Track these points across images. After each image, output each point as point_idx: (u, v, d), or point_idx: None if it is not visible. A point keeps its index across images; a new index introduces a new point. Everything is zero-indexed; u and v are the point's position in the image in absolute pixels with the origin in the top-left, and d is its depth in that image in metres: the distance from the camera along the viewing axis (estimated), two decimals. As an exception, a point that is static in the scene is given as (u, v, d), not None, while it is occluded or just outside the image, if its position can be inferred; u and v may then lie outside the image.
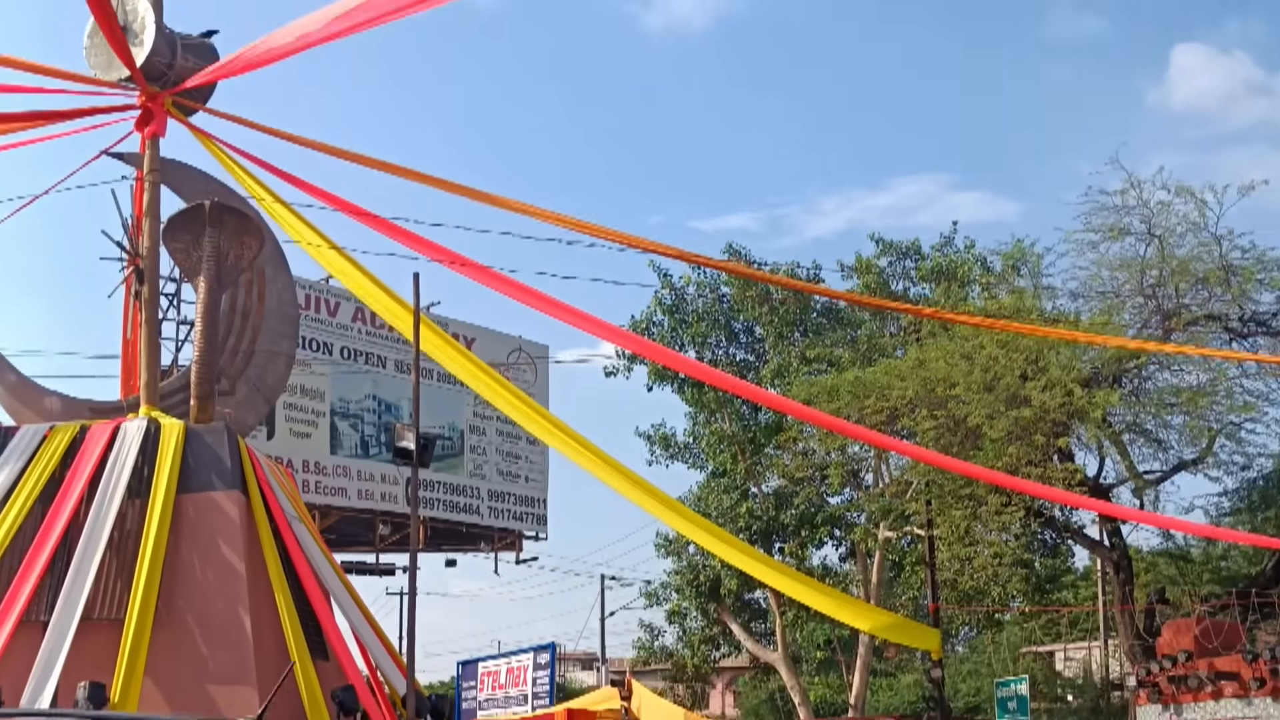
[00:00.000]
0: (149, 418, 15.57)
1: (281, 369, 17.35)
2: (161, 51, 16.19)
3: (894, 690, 43.89)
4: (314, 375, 33.20)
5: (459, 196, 15.85)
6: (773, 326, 33.31)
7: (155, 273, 16.52)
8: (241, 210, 16.45)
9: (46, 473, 15.13)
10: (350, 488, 34.20)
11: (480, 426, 37.84)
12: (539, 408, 20.12)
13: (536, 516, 39.74)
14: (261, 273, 16.92)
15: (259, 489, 15.51)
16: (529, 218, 15.91)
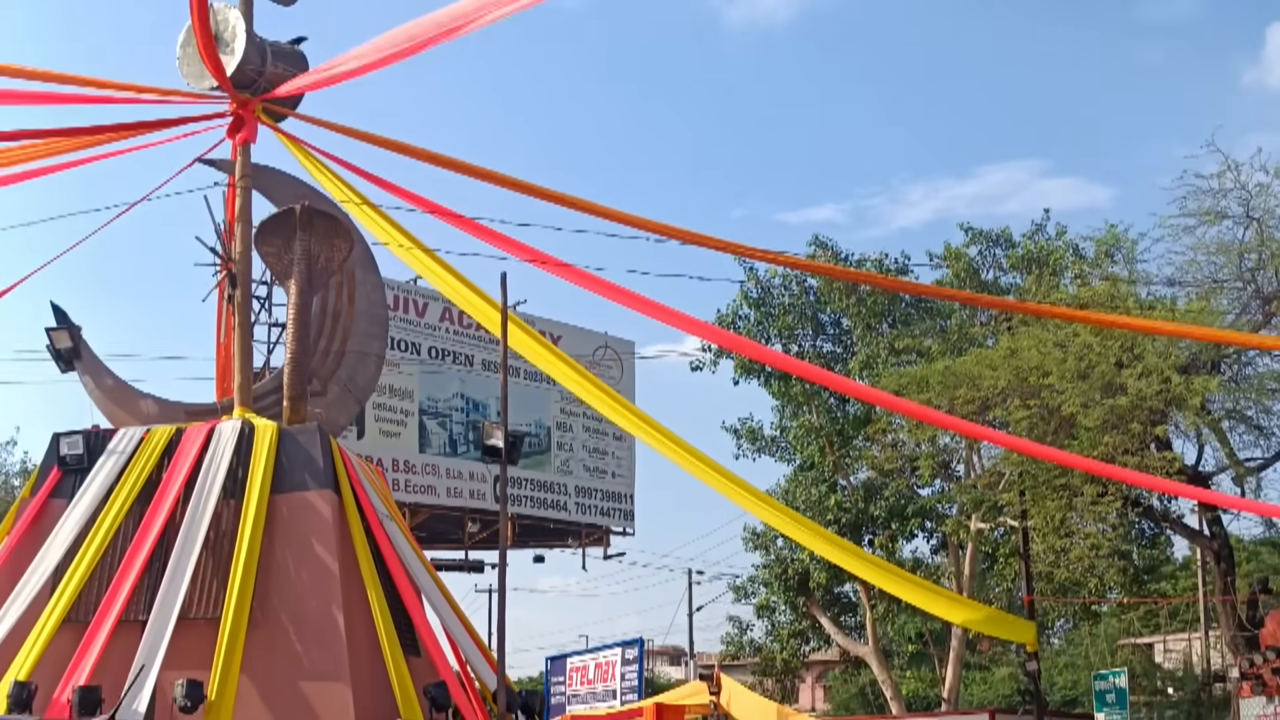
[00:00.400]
0: (243, 419, 15.76)
1: (372, 369, 17.47)
2: (252, 59, 16.37)
3: (988, 684, 43.47)
4: (402, 375, 33.49)
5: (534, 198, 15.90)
6: (860, 318, 33.06)
7: (248, 277, 16.72)
8: (331, 214, 16.57)
9: (144, 474, 15.36)
10: (439, 486, 34.46)
11: (567, 423, 37.95)
12: (626, 403, 20.13)
13: (623, 512, 39.80)
14: (351, 275, 17.05)
15: (351, 488, 15.63)
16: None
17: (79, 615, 14.38)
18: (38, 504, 15.67)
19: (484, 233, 16.55)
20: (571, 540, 39.97)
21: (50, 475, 15.81)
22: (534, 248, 16.96)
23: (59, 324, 16.62)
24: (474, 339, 35.13)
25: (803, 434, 34.13)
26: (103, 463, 15.54)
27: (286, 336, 16.24)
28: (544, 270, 17.08)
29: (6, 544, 15.55)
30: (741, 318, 33.99)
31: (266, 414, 16.17)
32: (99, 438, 15.87)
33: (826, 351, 34.54)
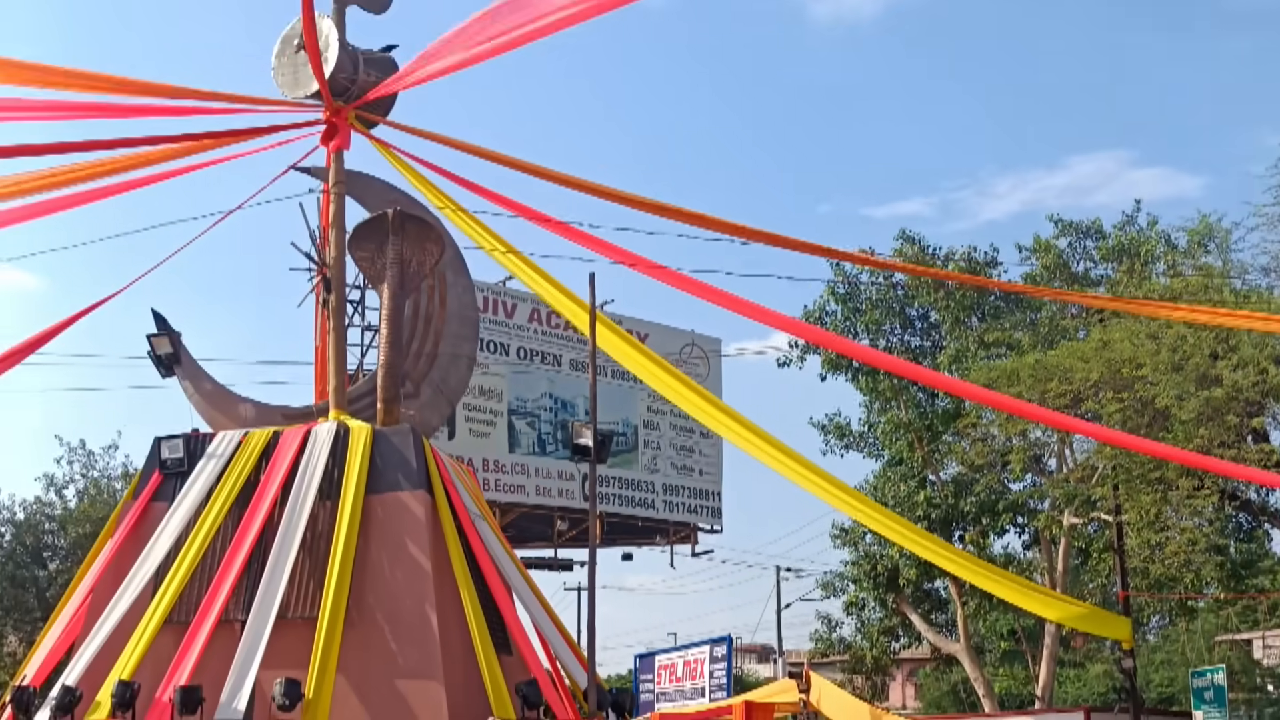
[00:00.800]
0: (338, 421, 15.96)
1: (463, 371, 17.63)
2: (345, 68, 16.58)
3: (1082, 681, 42.96)
4: (491, 376, 33.79)
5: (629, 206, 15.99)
6: (949, 311, 32.80)
7: (342, 282, 16.94)
8: (423, 218, 16.75)
9: (242, 477, 15.62)
10: (529, 485, 34.71)
11: (654, 421, 38.05)
12: (713, 399, 20.14)
13: (711, 509, 39.81)
14: (443, 277, 17.22)
15: (443, 488, 15.75)
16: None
17: (180, 616, 14.66)
18: (140, 507, 16.00)
19: (572, 234, 16.67)
20: (659, 538, 40.05)
21: (152, 479, 16.12)
22: (622, 248, 17.08)
23: (159, 330, 16.94)
24: (562, 339, 35.34)
25: (891, 429, 33.93)
26: (203, 466, 15.81)
27: (380, 340, 16.41)
28: (633, 270, 17.16)
29: (110, 547, 15.91)
30: (829, 313, 33.88)
31: (361, 416, 16.37)
32: (199, 441, 16.15)
33: (914, 346, 34.30)
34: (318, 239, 16.61)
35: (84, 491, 43.81)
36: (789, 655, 51.02)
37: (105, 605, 15.03)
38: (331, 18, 16.76)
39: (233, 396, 17.24)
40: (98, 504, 42.24)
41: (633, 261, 17.12)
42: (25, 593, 42.69)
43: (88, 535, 39.68)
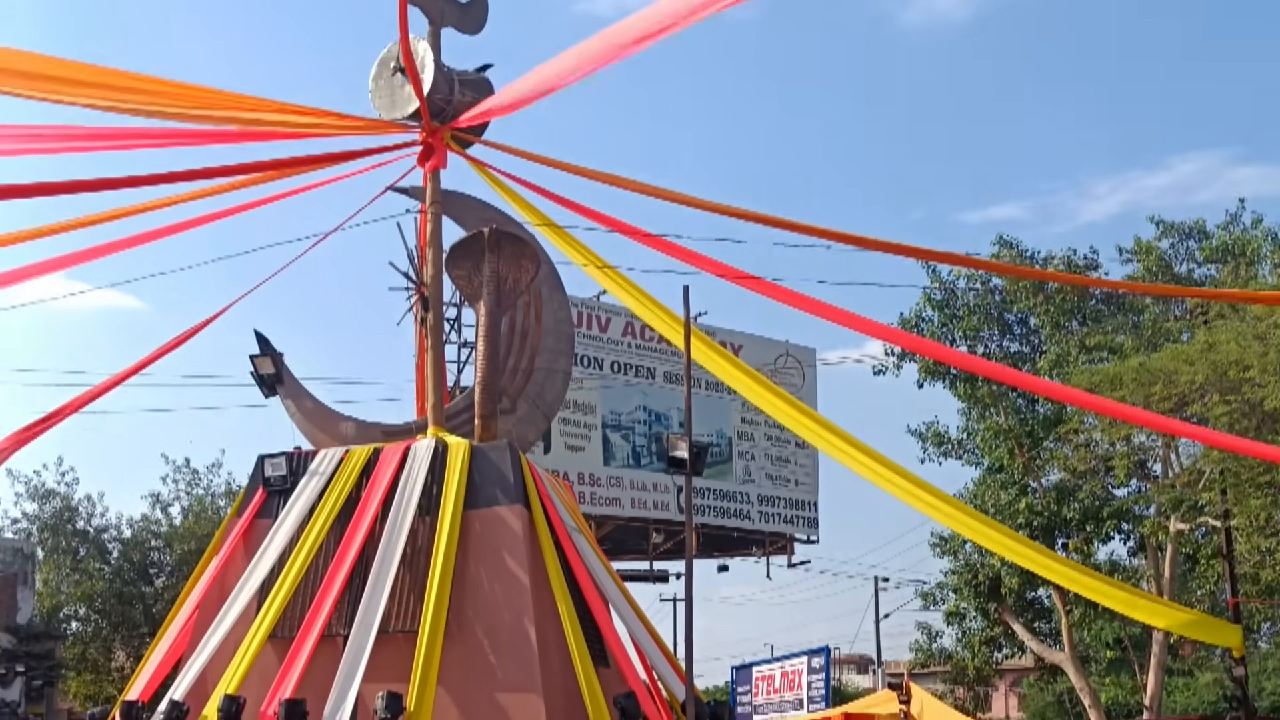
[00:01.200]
0: (436, 438, 16.10)
1: (559, 386, 17.68)
2: (440, 88, 16.74)
3: (1192, 690, 42.22)
4: (586, 390, 33.99)
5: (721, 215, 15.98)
6: (1048, 316, 32.42)
7: (439, 300, 17.09)
8: (518, 235, 16.85)
9: (344, 494, 15.81)
10: (624, 497, 34.85)
11: (748, 432, 38.02)
12: (808, 410, 20.06)
13: (807, 519, 39.70)
14: (538, 294, 17.30)
15: (540, 503, 15.82)
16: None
17: (284, 631, 14.87)
18: (244, 524, 16.26)
19: (665, 246, 16.71)
20: (755, 549, 39.99)
21: (255, 496, 16.38)
22: (715, 260, 17.08)
23: (262, 351, 17.20)
24: (655, 352, 35.45)
25: (990, 436, 33.60)
26: (305, 483, 16.03)
27: (476, 356, 16.54)
28: (726, 282, 17.16)
29: (215, 563, 16.19)
30: (925, 320, 33.64)
31: (459, 432, 16.50)
32: (301, 459, 16.37)
33: (1013, 351, 33.95)
34: (415, 258, 16.77)
35: (189, 509, 44.68)
36: (888, 666, 50.64)
37: (211, 621, 15.29)
38: (427, 39, 16.95)
39: (334, 414, 17.46)
40: (202, 521, 43.06)
41: (726, 273, 17.12)
42: (132, 609, 43.63)
43: (192, 552, 40.47)
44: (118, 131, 15.27)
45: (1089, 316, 32.29)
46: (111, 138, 15.21)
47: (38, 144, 14.69)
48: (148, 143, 15.46)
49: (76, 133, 14.91)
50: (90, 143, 14.97)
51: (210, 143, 15.74)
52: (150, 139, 15.46)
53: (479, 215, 17.52)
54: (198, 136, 15.55)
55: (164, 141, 15.47)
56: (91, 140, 15.00)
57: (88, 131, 15.01)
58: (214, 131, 15.62)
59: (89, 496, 44.75)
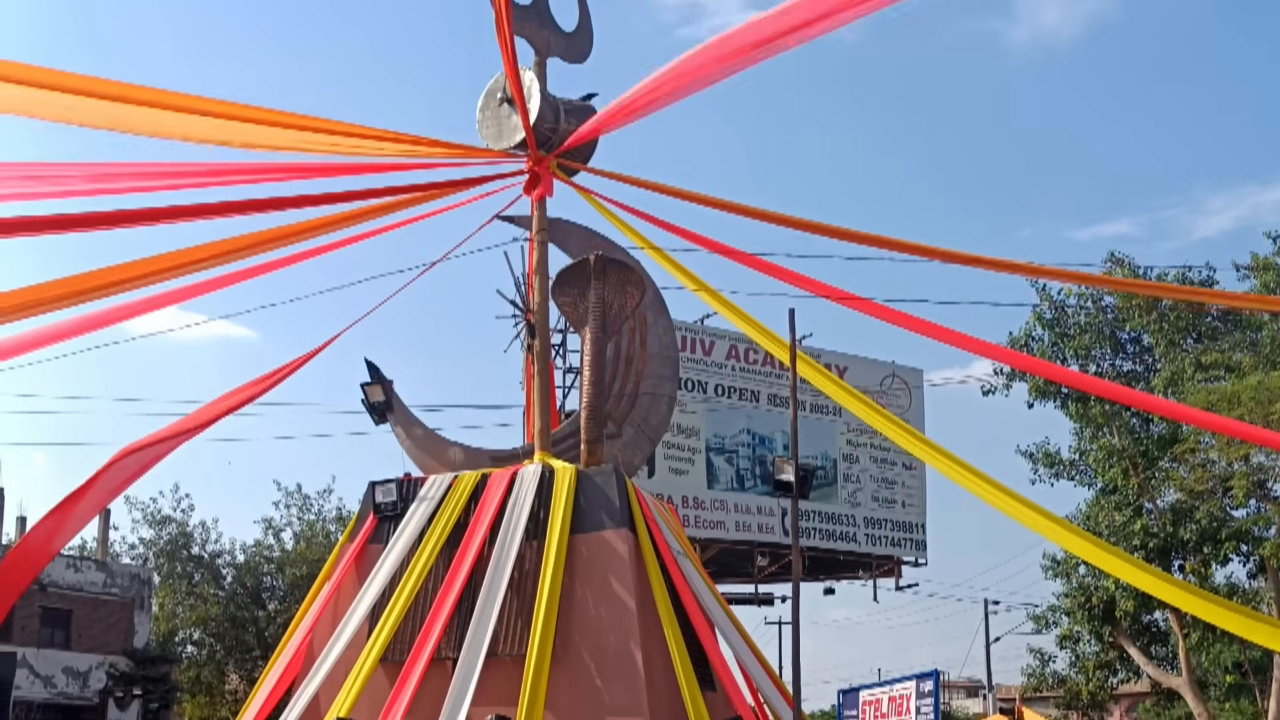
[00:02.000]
0: (543, 463, 16.29)
1: (664, 410, 17.78)
2: (546, 118, 16.95)
3: (1317, 717, 41.06)
4: (690, 413, 34.07)
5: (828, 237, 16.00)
6: (1162, 334, 31.89)
7: (546, 327, 17.27)
8: (624, 261, 17.01)
9: (452, 519, 16.05)
10: (728, 520, 34.85)
11: (854, 454, 37.84)
12: (915, 431, 19.99)
13: (915, 542, 39.37)
14: (643, 319, 17.43)
15: (646, 526, 15.90)
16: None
17: (394, 654, 15.11)
18: (356, 549, 16.56)
19: (770, 269, 16.76)
20: (862, 572, 39.74)
21: (367, 522, 16.68)
22: (820, 281, 17.09)
23: (372, 379, 17.51)
24: (759, 375, 35.48)
25: (1104, 456, 33.07)
26: (415, 509, 16.30)
27: (582, 382, 16.69)
28: (833, 302, 17.17)
29: (328, 588, 16.49)
30: (1035, 339, 33.25)
31: (565, 457, 16.65)
32: (411, 485, 16.66)
33: (1126, 370, 33.43)
34: (522, 286, 16.98)
35: (300, 534, 45.42)
36: (999, 691, 49.98)
37: (323, 645, 15.58)
38: (534, 69, 17.18)
39: (442, 441, 17.71)
40: (313, 546, 43.77)
41: (831, 294, 17.12)
42: (245, 632, 44.44)
43: (304, 577, 41.16)
44: (227, 168, 15.60)
45: (1204, 334, 31.72)
46: (222, 173, 15.54)
47: (145, 181, 15.00)
48: (255, 178, 15.79)
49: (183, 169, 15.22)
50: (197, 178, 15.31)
51: (317, 176, 16.04)
52: (258, 174, 15.79)
53: (584, 242, 17.72)
54: (305, 170, 15.86)
55: (272, 176, 15.80)
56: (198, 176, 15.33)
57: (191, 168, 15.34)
58: (321, 165, 15.91)
59: (204, 522, 45.80)
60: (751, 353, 35.27)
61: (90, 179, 14.55)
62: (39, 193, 14.46)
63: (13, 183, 14.09)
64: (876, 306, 16.81)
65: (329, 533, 44.42)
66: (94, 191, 14.61)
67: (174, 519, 44.94)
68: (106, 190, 14.63)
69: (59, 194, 14.60)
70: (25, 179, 14.34)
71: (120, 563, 44.33)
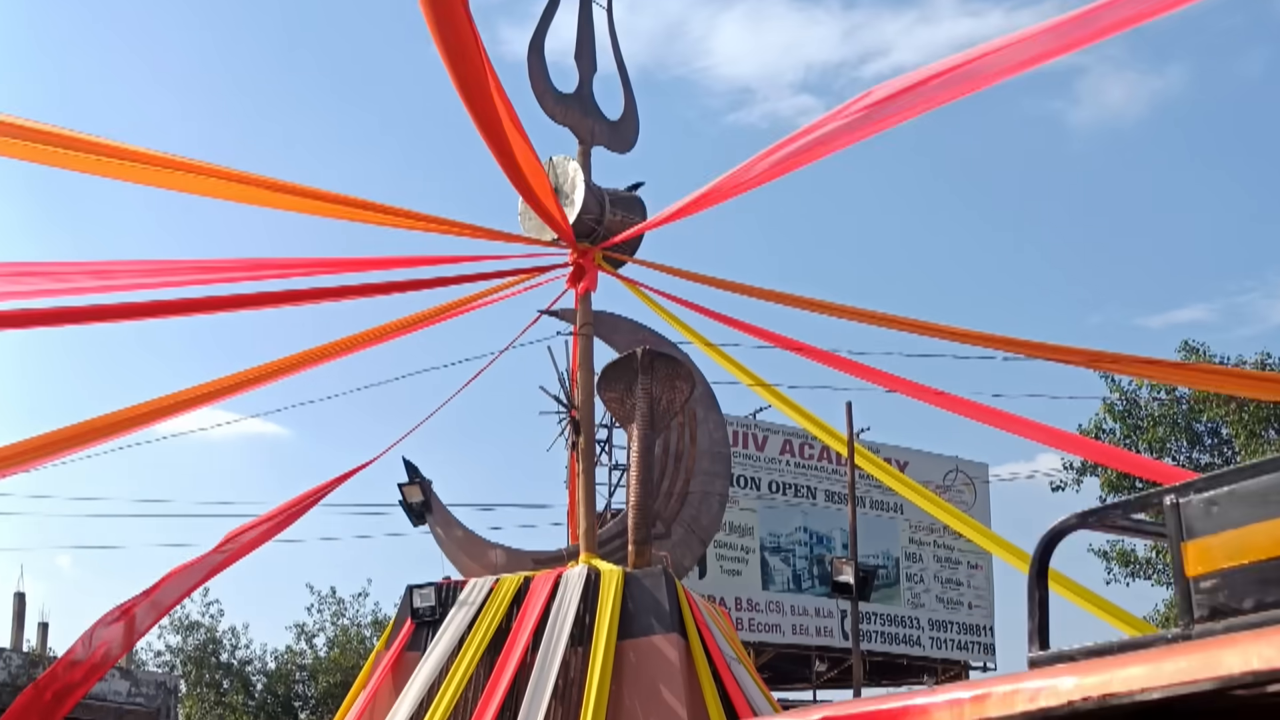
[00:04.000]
0: (588, 565, 16.33)
1: (715, 509, 17.86)
2: (591, 209, 17.17)
3: None
4: (743, 511, 34.04)
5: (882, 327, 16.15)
6: (1242, 425, 31.73)
7: (591, 424, 17.44)
8: (672, 356, 17.17)
9: (494, 623, 16.06)
10: (784, 624, 34.66)
11: (916, 553, 37.64)
12: (981, 528, 19.99)
13: (982, 645, 38.99)
14: (693, 414, 17.56)
15: (697, 631, 15.87)
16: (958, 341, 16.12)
17: (436, 766, 15.18)
18: (393, 656, 16.61)
19: (827, 359, 16.91)
20: (927, 677, 39.24)
21: (404, 627, 16.73)
22: (879, 370, 17.21)
23: (410, 479, 17.67)
24: (816, 470, 35.46)
25: (1181, 556, 32.76)
26: (454, 614, 16.35)
27: (629, 480, 16.80)
28: (891, 390, 17.29)
29: (363, 697, 16.53)
30: (1105, 431, 33.15)
31: (612, 558, 16.72)
32: (450, 589, 16.72)
33: (1204, 464, 33.22)
34: (566, 381, 17.17)
35: (334, 640, 45.43)
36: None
37: (361, 757, 15.67)
38: (577, 159, 17.47)
39: (484, 543, 17.83)
40: (348, 653, 43.78)
41: (891, 382, 17.25)
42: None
43: (338, 685, 41.16)
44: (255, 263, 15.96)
45: (1286, 424, 31.57)
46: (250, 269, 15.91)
47: (145, 278, 15.19)
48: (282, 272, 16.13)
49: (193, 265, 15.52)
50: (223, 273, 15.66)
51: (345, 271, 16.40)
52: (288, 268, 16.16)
53: (631, 336, 17.90)
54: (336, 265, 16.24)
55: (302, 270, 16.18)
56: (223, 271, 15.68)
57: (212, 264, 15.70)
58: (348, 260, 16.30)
59: (233, 628, 45.87)
60: (807, 447, 35.26)
61: (92, 275, 14.70)
62: (38, 290, 14.59)
63: (10, 280, 14.29)
64: (938, 394, 16.92)
65: (364, 638, 44.43)
66: (96, 289, 14.71)
67: (202, 624, 45.10)
68: (108, 287, 14.74)
69: (59, 291, 14.71)
70: (22, 276, 14.43)
71: (146, 670, 44.45)
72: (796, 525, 35.61)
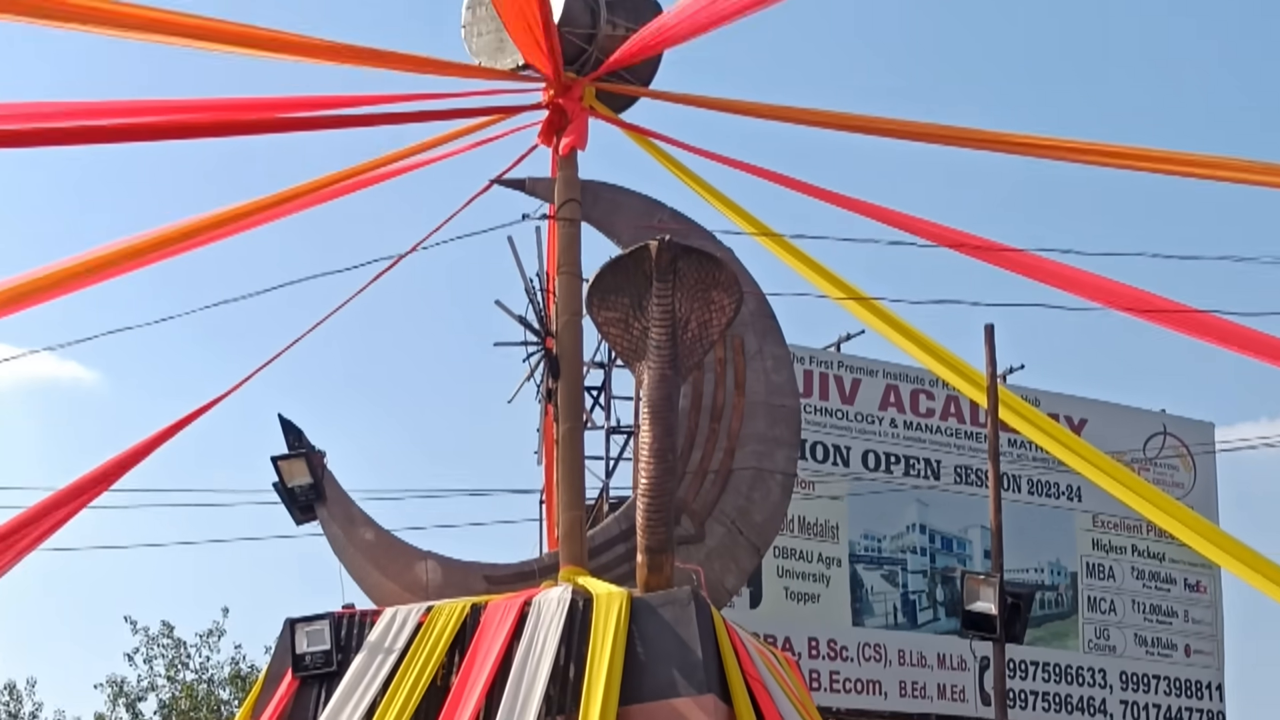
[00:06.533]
0: (571, 585, 16.35)
1: (775, 496, 17.73)
2: (576, 19, 17.13)
3: None
4: (821, 500, 34.01)
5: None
6: None
7: (577, 360, 17.41)
8: (707, 251, 16.96)
9: (424, 680, 15.95)
10: (887, 678, 34.84)
11: (1104, 565, 37.82)
12: (1205, 523, 20.04)
13: (1209, 714, 39.20)
14: (739, 346, 17.43)
15: (747, 691, 15.95)
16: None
17: None
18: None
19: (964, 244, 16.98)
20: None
21: (283, 685, 16.77)
22: (1047, 261, 17.22)
23: (291, 449, 17.64)
24: (937, 435, 35.45)
25: None
26: (363, 664, 16.41)
27: (638, 451, 16.74)
28: (1073, 304, 17.35)
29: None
30: None
31: (609, 575, 16.78)
32: (354, 624, 16.77)
33: None
34: (539, 295, 17.12)
35: (171, 704, 45.72)
36: None
37: None
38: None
39: (408, 551, 17.78)
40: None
41: (1073, 286, 17.26)
42: None
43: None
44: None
45: None
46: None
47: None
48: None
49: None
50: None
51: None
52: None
53: (640, 219, 17.78)
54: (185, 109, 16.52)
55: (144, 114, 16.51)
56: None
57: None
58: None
59: (10, 687, 46.10)
60: (924, 397, 35.19)
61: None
62: None
63: None
64: (1167, 306, 16.93)
65: (220, 702, 44.75)
66: None
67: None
68: None
69: None
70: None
71: None
72: (909, 522, 35.59)
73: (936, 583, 35.25)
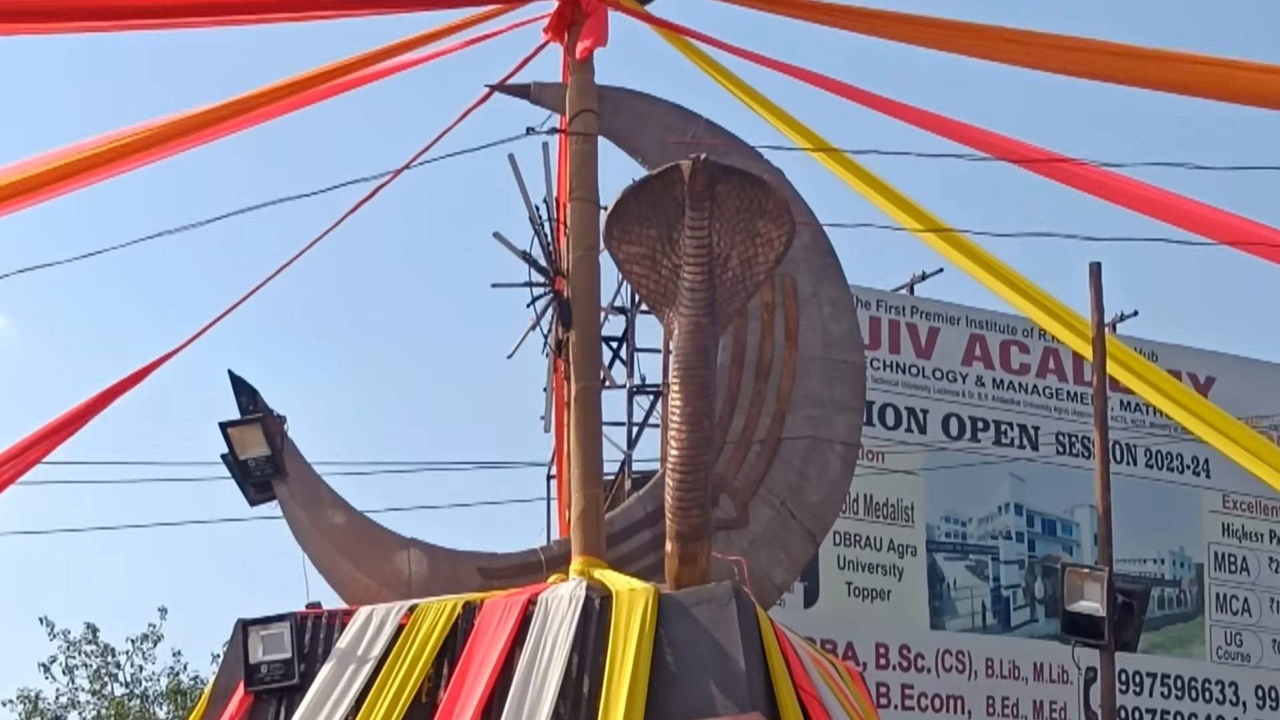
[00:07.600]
0: (586, 580, 16.44)
1: (835, 470, 17.78)
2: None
3: None
4: (892, 475, 34.05)
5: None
6: None
7: (594, 305, 17.50)
8: (751, 173, 16.95)
9: (405, 695, 16.12)
10: (974, 694, 34.96)
11: (1235, 556, 37.88)
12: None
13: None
14: (791, 288, 17.48)
15: (799, 708, 16.06)
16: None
17: None
18: (212, 756, 16.92)
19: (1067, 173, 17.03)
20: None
21: (233, 701, 16.90)
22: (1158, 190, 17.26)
23: (245, 414, 17.75)
24: (1031, 394, 35.50)
25: None
26: (331, 676, 16.54)
27: (667, 416, 16.83)
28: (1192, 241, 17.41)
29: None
30: None
31: (632, 567, 16.88)
32: (321, 627, 16.92)
33: None
34: (547, 225, 17.19)
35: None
36: None
37: None
38: None
39: (386, 538, 17.93)
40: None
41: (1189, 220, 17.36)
42: None
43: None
44: None
45: None
46: None
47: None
48: None
49: None
50: None
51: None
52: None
53: (670, 133, 17.84)
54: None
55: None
56: None
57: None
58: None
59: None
60: (1017, 349, 35.22)
61: None
62: None
63: None
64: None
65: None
66: None
67: None
68: None
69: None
70: None
71: None
72: (999, 502, 35.65)
73: (1035, 576, 35.36)
